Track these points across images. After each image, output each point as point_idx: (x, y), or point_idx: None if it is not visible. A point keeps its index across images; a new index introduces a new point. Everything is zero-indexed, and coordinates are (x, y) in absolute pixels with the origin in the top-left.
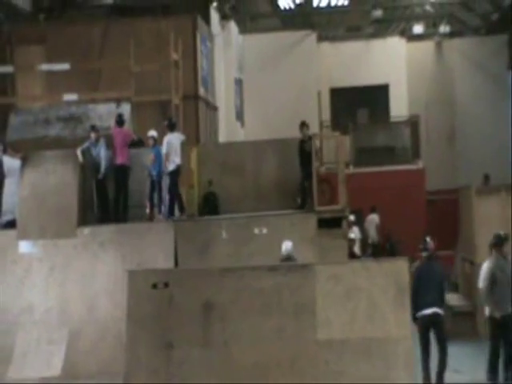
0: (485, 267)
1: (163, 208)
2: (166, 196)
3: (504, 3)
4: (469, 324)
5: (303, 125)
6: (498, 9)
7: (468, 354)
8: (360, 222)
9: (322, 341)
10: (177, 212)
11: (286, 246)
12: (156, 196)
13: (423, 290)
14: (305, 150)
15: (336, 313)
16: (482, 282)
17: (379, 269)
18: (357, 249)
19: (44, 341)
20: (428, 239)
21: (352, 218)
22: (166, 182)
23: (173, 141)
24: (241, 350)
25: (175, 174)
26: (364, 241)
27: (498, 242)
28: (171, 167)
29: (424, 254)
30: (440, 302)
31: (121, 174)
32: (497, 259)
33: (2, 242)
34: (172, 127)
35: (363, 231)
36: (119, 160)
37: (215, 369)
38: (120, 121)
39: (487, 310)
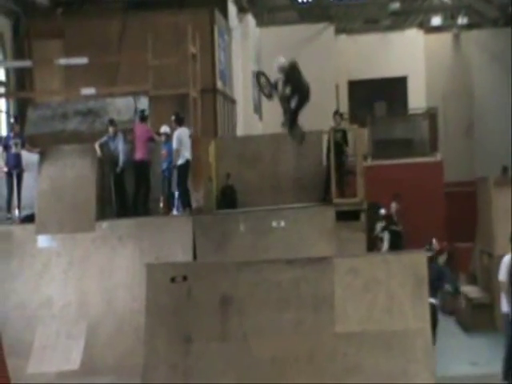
0: (506, 259)
1: (175, 202)
2: (175, 191)
3: None
4: (487, 316)
5: (336, 113)
6: None
7: (485, 347)
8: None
9: (340, 334)
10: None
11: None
12: (166, 191)
13: None
14: (336, 142)
15: (354, 306)
16: (501, 274)
17: (398, 261)
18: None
19: (63, 335)
20: (434, 241)
21: (383, 211)
22: (175, 177)
23: (182, 135)
24: (259, 344)
25: (184, 168)
26: None
27: None
28: (180, 161)
29: (427, 255)
30: None
31: (140, 169)
32: None
33: (20, 237)
34: (180, 121)
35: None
36: (138, 156)
37: (233, 362)
38: (143, 116)
39: (505, 306)
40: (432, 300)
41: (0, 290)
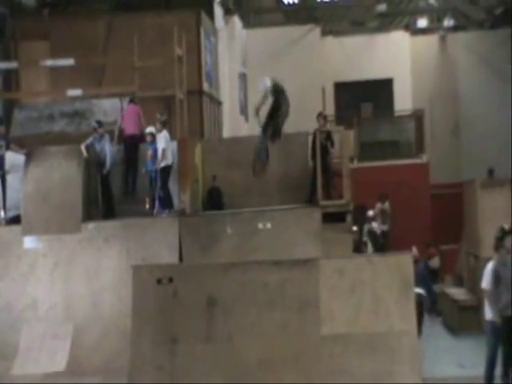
0: (489, 267)
1: (156, 204)
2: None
3: None
4: (473, 318)
5: (320, 115)
6: (502, 2)
7: (472, 349)
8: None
9: (326, 335)
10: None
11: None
12: (152, 191)
13: None
14: (321, 143)
15: (340, 307)
16: (485, 282)
17: (383, 263)
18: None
19: (48, 336)
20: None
21: (371, 213)
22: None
23: (167, 137)
24: (245, 345)
25: (166, 171)
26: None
27: (500, 236)
28: (163, 164)
29: None
30: None
31: (131, 146)
32: (500, 255)
33: (6, 238)
34: (165, 124)
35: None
36: (130, 130)
37: (219, 363)
38: (132, 98)
39: (489, 313)
40: (418, 290)
41: None
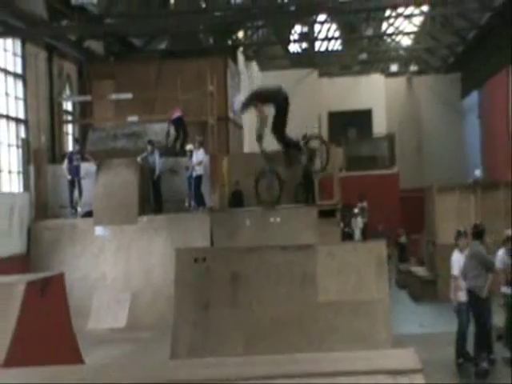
0: (455, 257)
1: (192, 202)
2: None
3: (458, 49)
4: (431, 289)
5: (304, 136)
6: (453, 53)
7: (430, 313)
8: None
9: (321, 303)
10: (195, 205)
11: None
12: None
13: None
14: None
15: (332, 281)
16: (454, 270)
17: (364, 248)
18: (357, 236)
19: (113, 301)
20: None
21: (356, 210)
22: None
23: (203, 153)
24: (260, 310)
25: (199, 179)
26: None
27: (455, 236)
28: (198, 173)
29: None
30: None
31: (179, 122)
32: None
33: (82, 227)
34: (202, 143)
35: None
36: (175, 114)
37: (241, 323)
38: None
39: (461, 296)
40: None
41: (67, 267)
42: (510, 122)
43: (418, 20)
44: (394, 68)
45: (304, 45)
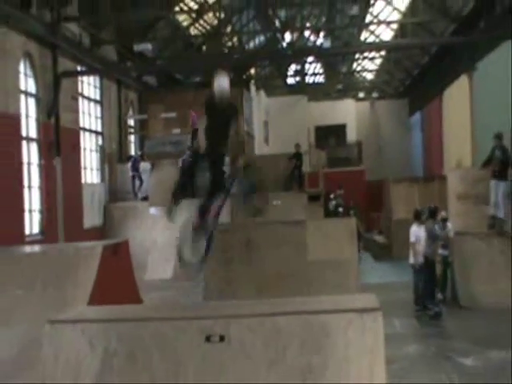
0: (412, 230)
1: None
2: None
3: (406, 82)
4: (387, 252)
5: (297, 145)
6: (403, 85)
7: (386, 268)
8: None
9: (310, 261)
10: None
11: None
12: None
13: None
14: (297, 160)
15: (318, 246)
16: (411, 238)
17: (341, 223)
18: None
19: (162, 259)
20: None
21: (332, 195)
22: None
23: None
24: (268, 267)
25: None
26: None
27: (417, 215)
28: None
29: None
30: None
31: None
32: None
33: (141, 208)
34: None
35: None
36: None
37: (254, 276)
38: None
39: (411, 259)
40: None
41: (130, 236)
42: (442, 134)
43: (378, 61)
44: (361, 95)
45: (297, 78)
